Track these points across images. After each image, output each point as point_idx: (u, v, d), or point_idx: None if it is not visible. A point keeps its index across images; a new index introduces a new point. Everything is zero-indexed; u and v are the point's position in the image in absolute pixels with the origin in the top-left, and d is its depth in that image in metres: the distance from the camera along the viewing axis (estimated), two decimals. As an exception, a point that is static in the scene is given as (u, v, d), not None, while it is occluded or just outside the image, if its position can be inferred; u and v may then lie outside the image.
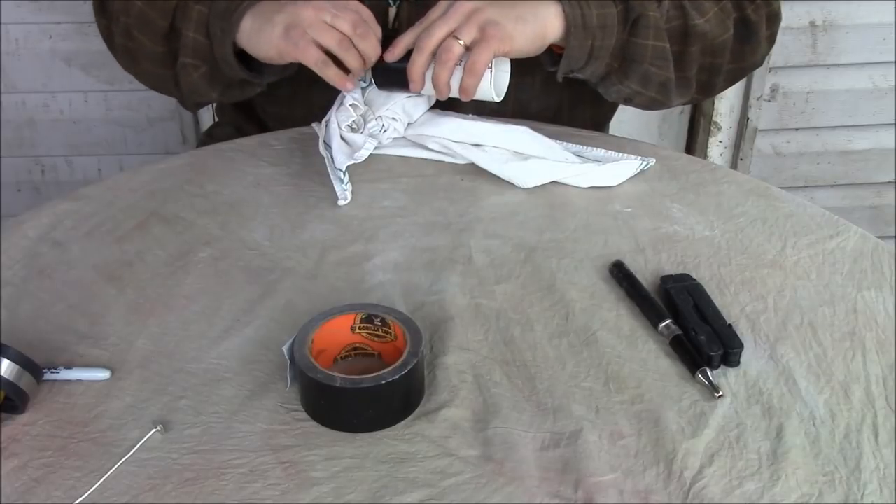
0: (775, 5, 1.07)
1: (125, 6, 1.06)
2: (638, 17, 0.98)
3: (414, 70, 0.94)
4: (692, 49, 1.02)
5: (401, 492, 0.64)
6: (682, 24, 1.01)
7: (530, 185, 0.98)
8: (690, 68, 1.04)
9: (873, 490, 0.65)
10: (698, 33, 1.01)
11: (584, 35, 0.96)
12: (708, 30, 1.01)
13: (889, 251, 0.89)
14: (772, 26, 1.08)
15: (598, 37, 0.96)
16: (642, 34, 0.98)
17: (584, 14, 0.95)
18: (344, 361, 0.75)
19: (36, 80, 1.82)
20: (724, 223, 0.93)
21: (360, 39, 0.94)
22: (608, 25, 0.97)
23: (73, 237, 0.91)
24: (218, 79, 1.04)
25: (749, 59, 1.08)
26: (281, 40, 0.95)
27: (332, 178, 0.96)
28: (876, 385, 0.74)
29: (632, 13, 0.98)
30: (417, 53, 0.93)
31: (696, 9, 1.01)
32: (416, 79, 0.95)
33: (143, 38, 1.06)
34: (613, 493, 0.64)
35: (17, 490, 0.64)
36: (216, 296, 0.82)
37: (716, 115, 1.89)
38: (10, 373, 0.68)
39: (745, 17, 1.05)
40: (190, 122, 1.88)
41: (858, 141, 1.91)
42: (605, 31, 0.97)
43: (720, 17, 1.03)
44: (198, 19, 1.00)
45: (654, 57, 1.00)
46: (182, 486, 0.65)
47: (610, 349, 0.77)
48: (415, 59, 0.94)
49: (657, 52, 0.99)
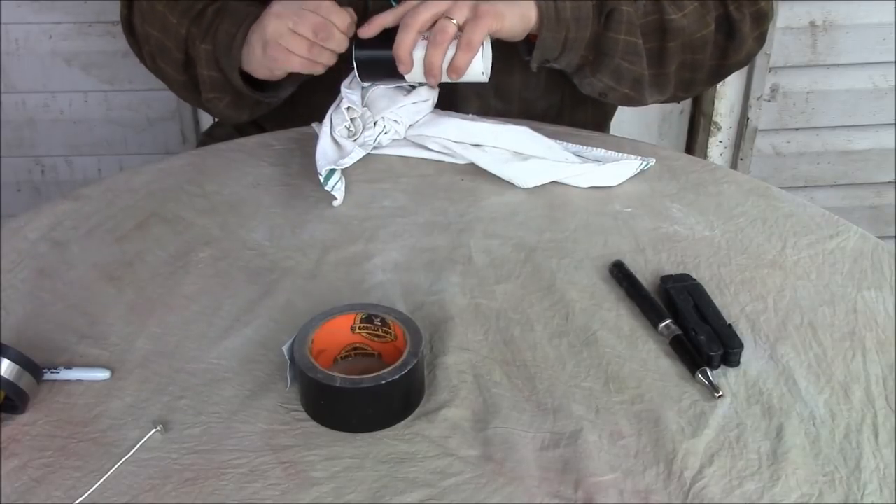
0: (763, 4, 1.07)
1: (146, 34, 1.09)
2: (611, 10, 0.98)
3: (401, 49, 0.92)
4: (670, 45, 1.02)
5: (401, 492, 0.64)
6: (658, 18, 1.01)
7: (530, 185, 0.98)
8: (669, 65, 1.04)
9: (873, 490, 0.65)
10: (675, 29, 1.01)
11: (558, 26, 0.96)
12: (685, 25, 1.01)
13: (889, 251, 0.89)
14: (759, 25, 1.07)
15: (571, 28, 0.97)
16: (614, 28, 0.99)
17: (556, 6, 0.96)
18: (344, 361, 0.75)
19: (36, 80, 1.82)
20: (724, 223, 0.93)
21: (323, 43, 0.95)
22: (582, 17, 0.97)
23: (73, 237, 0.91)
24: (243, 104, 1.07)
25: (733, 58, 1.08)
26: (264, 60, 0.98)
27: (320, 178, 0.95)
28: (876, 385, 0.74)
29: (605, 6, 0.98)
30: (404, 31, 0.92)
31: (674, 3, 1.01)
32: (404, 58, 0.93)
33: (167, 67, 1.09)
34: (613, 493, 0.64)
35: (17, 490, 0.64)
36: (216, 296, 0.82)
37: (716, 115, 1.89)
38: (10, 373, 0.68)
39: (727, 13, 1.05)
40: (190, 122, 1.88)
41: (858, 141, 1.91)
42: (579, 24, 0.97)
43: (699, 12, 1.03)
44: (206, 58, 1.03)
45: (625, 52, 1.00)
46: (182, 486, 0.65)
47: (610, 349, 0.77)
48: (401, 39, 0.92)
49: (629, 47, 1.00)
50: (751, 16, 1.06)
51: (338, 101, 1.01)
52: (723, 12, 1.05)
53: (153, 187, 0.98)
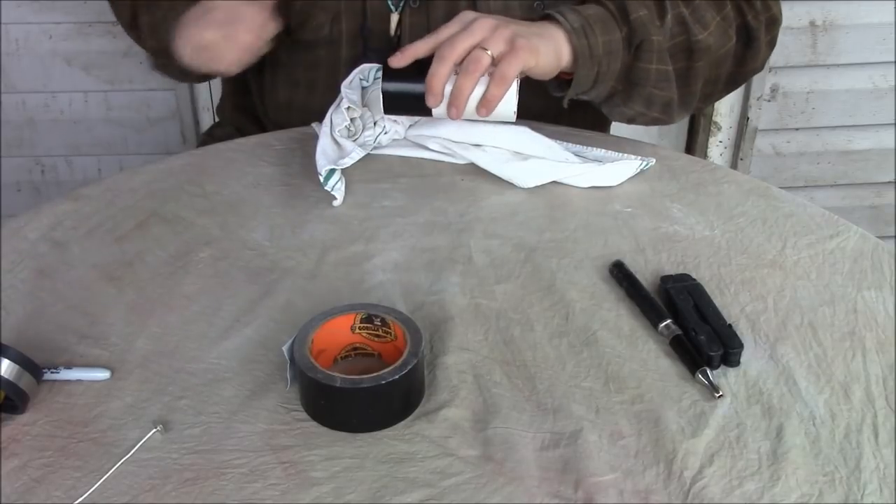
0: (775, 10, 1.07)
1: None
2: (641, 41, 0.97)
3: (435, 81, 0.89)
4: (698, 65, 1.01)
5: (401, 492, 0.64)
6: (685, 40, 0.99)
7: (530, 185, 0.98)
8: (696, 83, 1.03)
9: (873, 490, 0.65)
10: (702, 48, 1.00)
11: (591, 63, 0.95)
12: (711, 43, 1.00)
13: (889, 251, 0.89)
14: (771, 31, 1.07)
15: (603, 63, 0.95)
16: (645, 58, 0.97)
17: (590, 44, 0.94)
18: (344, 361, 0.75)
19: (36, 80, 1.82)
20: (724, 223, 0.93)
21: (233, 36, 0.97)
22: (613, 51, 0.96)
23: (73, 237, 0.91)
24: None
25: (750, 65, 1.07)
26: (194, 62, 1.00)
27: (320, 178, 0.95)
28: (876, 385, 0.74)
29: (635, 38, 0.96)
30: (439, 63, 0.89)
31: (698, 21, 1.00)
32: (436, 91, 0.89)
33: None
34: (613, 493, 0.64)
35: (17, 490, 0.64)
36: (216, 296, 0.82)
37: (716, 115, 1.89)
38: (10, 373, 0.68)
39: (745, 23, 1.04)
40: (190, 122, 1.88)
41: (858, 141, 1.91)
42: (611, 57, 0.96)
43: (722, 27, 1.02)
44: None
45: (657, 80, 0.99)
46: (182, 486, 0.65)
47: (610, 349, 0.77)
48: (436, 69, 0.88)
49: (661, 75, 0.99)
50: (765, 22, 1.05)
51: (338, 101, 1.01)
52: (741, 22, 1.04)
53: (153, 187, 0.98)
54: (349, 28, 1.09)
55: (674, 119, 1.07)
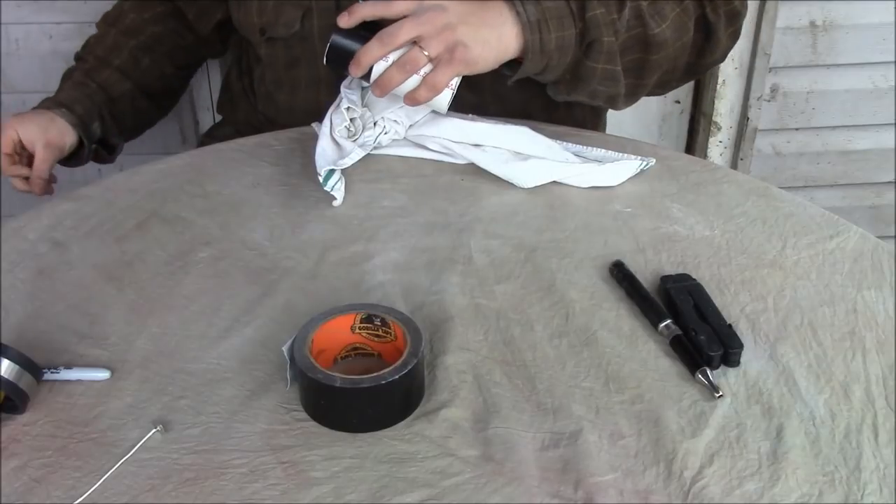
0: (736, 3, 1.06)
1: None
2: (592, 41, 0.97)
3: (366, 56, 0.90)
4: (653, 58, 1.01)
5: (401, 492, 0.64)
6: (641, 32, 1.00)
7: (530, 185, 0.98)
8: (650, 75, 1.04)
9: (873, 490, 0.65)
10: (658, 42, 1.00)
11: (541, 58, 0.96)
12: (668, 36, 1.01)
13: (889, 251, 0.89)
14: (733, 23, 1.07)
15: (553, 58, 0.96)
16: (594, 58, 0.98)
17: (542, 39, 0.94)
18: (344, 361, 0.75)
19: (36, 80, 1.82)
20: (724, 223, 0.93)
21: None
22: (565, 47, 0.96)
23: (73, 237, 0.91)
24: None
25: (709, 57, 1.07)
26: None
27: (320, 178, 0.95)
28: (876, 385, 0.74)
29: (587, 36, 0.97)
30: (378, 44, 0.90)
31: (657, 13, 1.00)
32: (363, 63, 0.91)
33: None
34: (613, 493, 0.64)
35: (17, 490, 0.64)
36: (216, 296, 0.82)
37: (716, 115, 1.89)
38: (10, 373, 0.68)
39: (704, 14, 1.04)
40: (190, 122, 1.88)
41: (858, 141, 1.91)
42: (562, 52, 0.97)
43: (681, 19, 1.02)
44: None
45: (603, 78, 1.00)
46: (182, 486, 0.65)
47: (610, 349, 0.77)
48: (371, 48, 0.90)
49: (607, 74, 1.00)
50: (725, 15, 1.05)
51: (338, 101, 1.01)
52: (700, 13, 1.04)
53: (153, 187, 0.98)
54: (321, 24, 1.10)
55: (619, 108, 1.09)
